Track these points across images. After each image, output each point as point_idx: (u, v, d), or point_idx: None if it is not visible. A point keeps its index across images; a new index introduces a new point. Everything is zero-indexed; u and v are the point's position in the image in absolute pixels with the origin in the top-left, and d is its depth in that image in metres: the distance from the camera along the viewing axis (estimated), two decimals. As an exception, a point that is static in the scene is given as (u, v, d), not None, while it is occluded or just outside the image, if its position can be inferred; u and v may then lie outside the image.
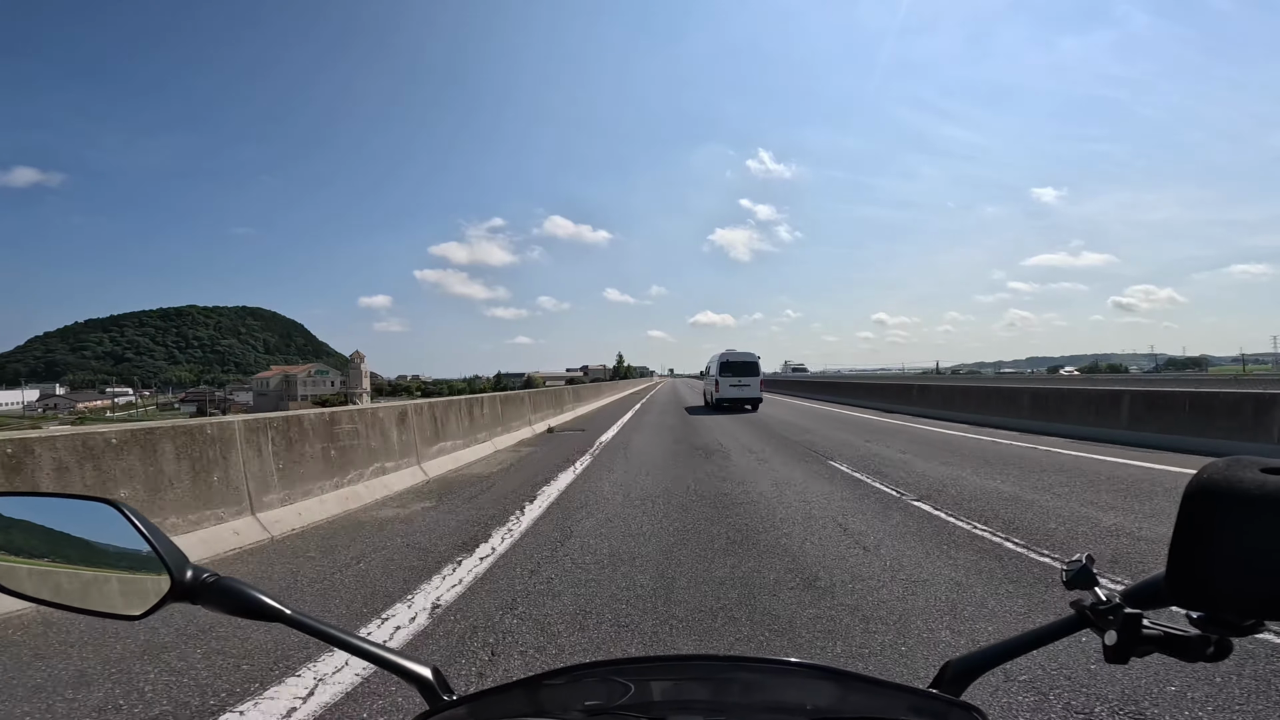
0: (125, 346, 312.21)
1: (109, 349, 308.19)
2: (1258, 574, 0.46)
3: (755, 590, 3.37)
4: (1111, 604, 0.57)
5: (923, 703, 0.62)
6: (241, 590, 0.64)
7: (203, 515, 4.22)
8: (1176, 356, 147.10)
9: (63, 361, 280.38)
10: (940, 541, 4.33)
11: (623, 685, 0.65)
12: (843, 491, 6.21)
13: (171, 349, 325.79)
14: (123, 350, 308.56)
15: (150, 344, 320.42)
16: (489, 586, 3.51)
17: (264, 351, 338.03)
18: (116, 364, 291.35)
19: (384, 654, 0.65)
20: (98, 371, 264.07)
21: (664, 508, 5.51)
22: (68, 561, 0.67)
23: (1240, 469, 0.49)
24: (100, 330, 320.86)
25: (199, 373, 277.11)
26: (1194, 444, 8.53)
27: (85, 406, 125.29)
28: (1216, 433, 8.49)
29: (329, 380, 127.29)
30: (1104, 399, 10.85)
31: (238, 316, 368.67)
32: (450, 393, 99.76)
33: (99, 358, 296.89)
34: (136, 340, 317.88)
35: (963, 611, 3.03)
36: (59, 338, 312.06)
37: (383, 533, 4.79)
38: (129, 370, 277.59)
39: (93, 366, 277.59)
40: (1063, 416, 11.48)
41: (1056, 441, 9.92)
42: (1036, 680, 2.30)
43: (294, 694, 2.30)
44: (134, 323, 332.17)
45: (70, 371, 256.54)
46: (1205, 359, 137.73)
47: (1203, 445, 8.38)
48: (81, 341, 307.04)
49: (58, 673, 2.51)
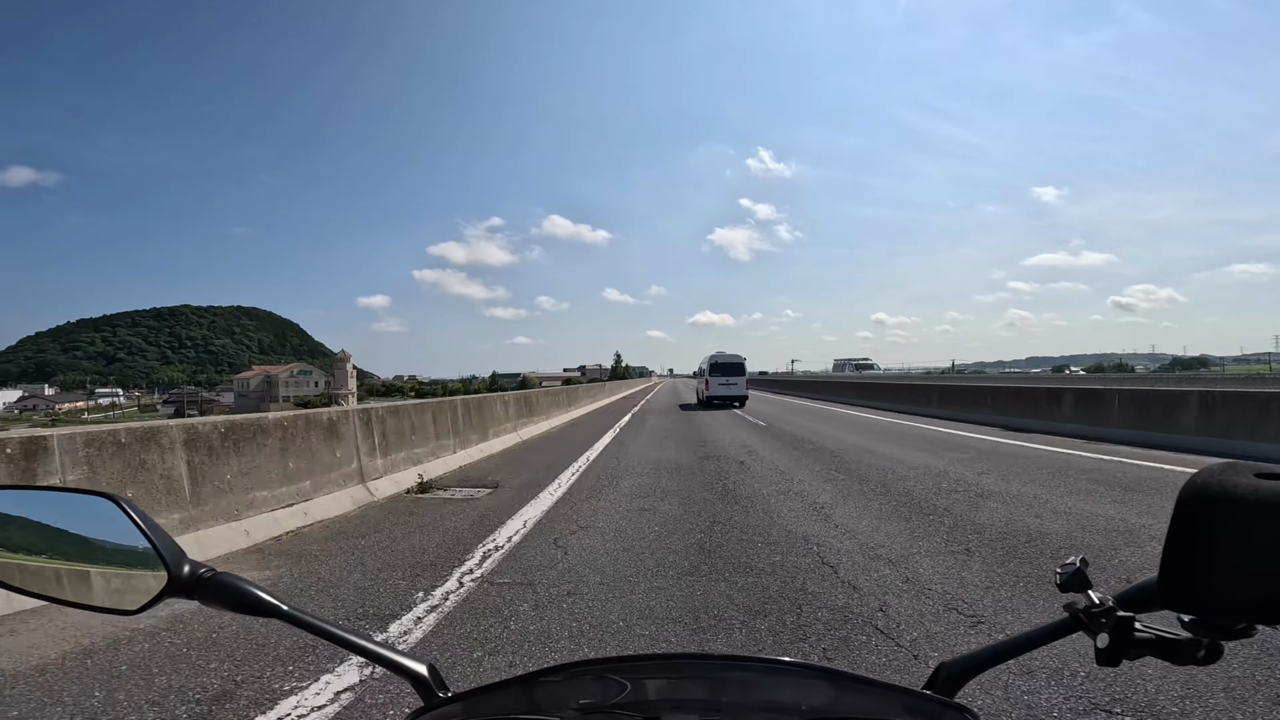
0: (117, 346, 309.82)
1: (100, 349, 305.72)
2: (1250, 578, 0.47)
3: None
4: (1104, 607, 0.57)
5: (917, 704, 0.62)
6: (238, 586, 0.64)
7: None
8: (1181, 356, 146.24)
9: (53, 362, 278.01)
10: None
11: (618, 683, 0.65)
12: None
13: (164, 349, 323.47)
14: (114, 350, 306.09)
15: (143, 344, 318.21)
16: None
17: (258, 352, 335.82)
18: (108, 364, 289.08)
19: (380, 650, 0.65)
20: (88, 372, 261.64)
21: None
22: (65, 556, 0.68)
23: (1235, 474, 0.50)
24: (92, 330, 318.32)
25: (191, 373, 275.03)
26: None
27: (64, 407, 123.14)
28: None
29: (312, 380, 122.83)
30: (1170, 400, 9.32)
31: (232, 316, 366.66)
32: (445, 393, 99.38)
33: (90, 358, 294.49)
34: (129, 340, 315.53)
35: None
36: (50, 338, 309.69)
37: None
38: (121, 370, 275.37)
39: (84, 367, 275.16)
40: (1163, 422, 9.26)
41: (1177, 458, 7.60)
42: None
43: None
44: (127, 322, 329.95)
45: (61, 372, 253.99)
46: (1205, 359, 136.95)
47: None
48: (73, 341, 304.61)
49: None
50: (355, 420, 6.09)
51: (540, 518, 5.12)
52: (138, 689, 2.37)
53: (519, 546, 4.27)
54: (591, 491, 6.24)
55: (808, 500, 5.71)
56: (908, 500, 5.62)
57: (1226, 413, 8.44)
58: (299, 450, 5.23)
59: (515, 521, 4.99)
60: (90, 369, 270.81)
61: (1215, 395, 8.77)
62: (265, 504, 4.76)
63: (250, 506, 4.60)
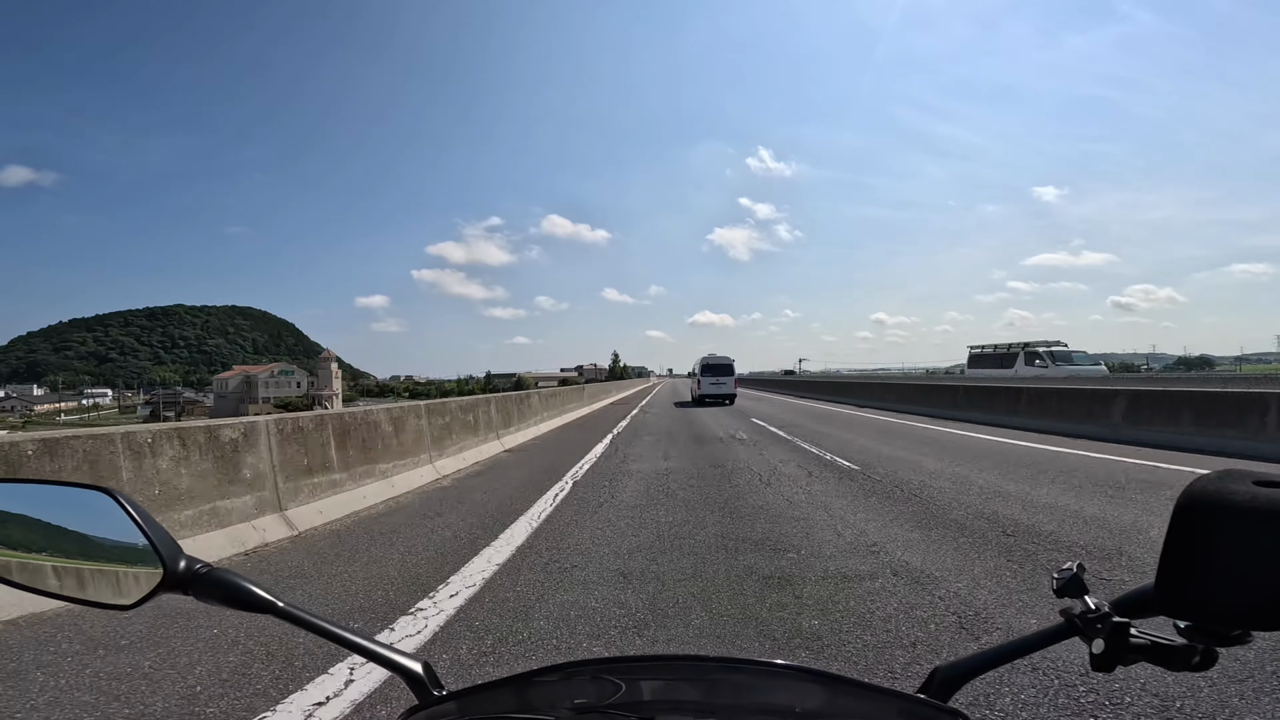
0: (109, 346, 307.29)
1: (92, 349, 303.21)
2: (1247, 585, 0.47)
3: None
4: (1100, 613, 0.58)
5: (911, 708, 0.62)
6: (233, 581, 0.64)
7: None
8: (1185, 356, 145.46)
9: (45, 362, 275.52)
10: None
11: (613, 684, 0.65)
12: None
13: (157, 349, 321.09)
14: (106, 350, 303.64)
15: (135, 344, 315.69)
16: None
17: (252, 351, 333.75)
18: (100, 364, 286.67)
19: (374, 648, 0.65)
20: (79, 372, 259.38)
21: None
22: (59, 550, 0.67)
23: (1232, 481, 0.50)
24: (84, 330, 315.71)
25: (184, 373, 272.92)
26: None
27: (41, 409, 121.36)
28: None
29: (294, 381, 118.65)
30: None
31: (226, 316, 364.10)
32: (439, 394, 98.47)
33: (82, 358, 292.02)
34: (121, 340, 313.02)
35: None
36: (42, 337, 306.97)
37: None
38: (112, 371, 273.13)
39: (75, 367, 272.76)
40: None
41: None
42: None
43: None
44: (119, 322, 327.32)
45: (51, 372, 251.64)
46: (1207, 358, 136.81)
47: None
48: (65, 341, 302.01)
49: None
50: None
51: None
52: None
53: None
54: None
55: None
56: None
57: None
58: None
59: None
60: (82, 369, 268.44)
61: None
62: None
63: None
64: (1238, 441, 8.56)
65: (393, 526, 4.94)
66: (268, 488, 4.73)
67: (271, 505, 4.71)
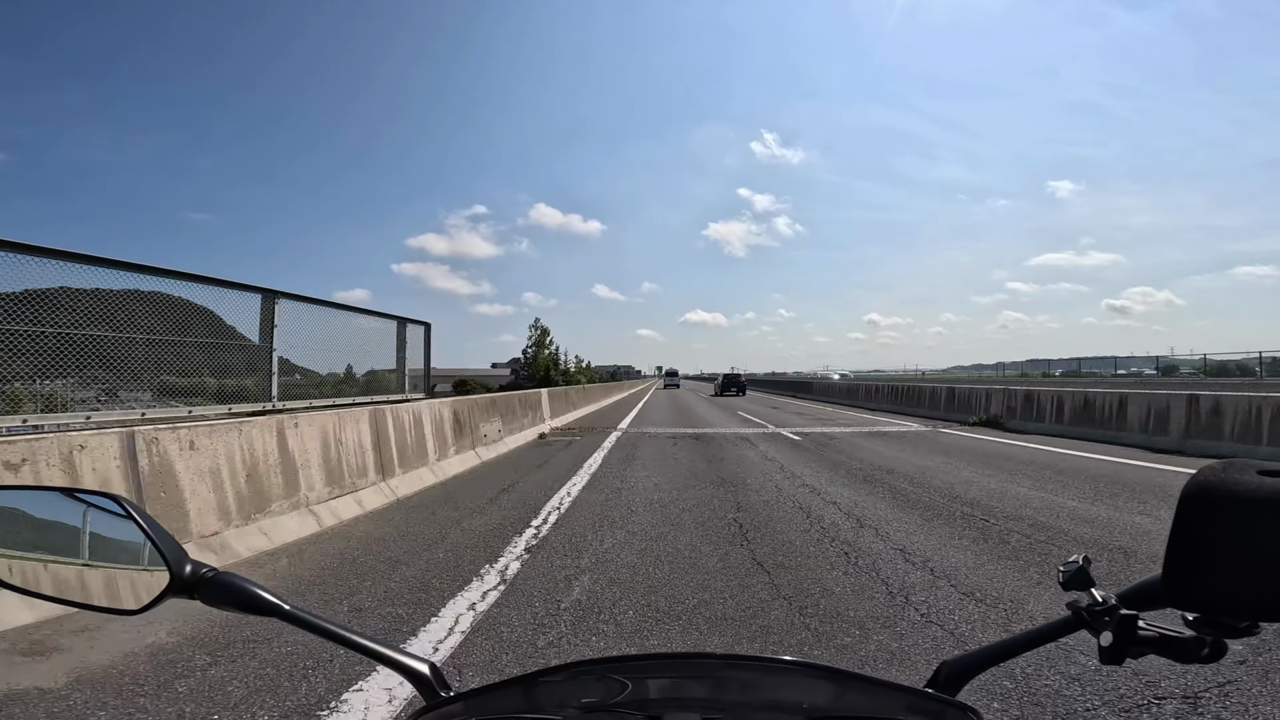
0: None
1: None
2: (1254, 576, 0.46)
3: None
4: (1107, 605, 0.57)
5: (919, 702, 0.62)
6: (239, 585, 0.64)
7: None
8: (1188, 358, 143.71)
9: None
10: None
11: (620, 683, 0.65)
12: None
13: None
14: None
15: None
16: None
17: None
18: None
19: (381, 649, 0.65)
20: None
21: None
22: (67, 555, 0.68)
23: (1237, 471, 0.49)
24: None
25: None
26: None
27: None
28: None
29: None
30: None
31: (119, 301, 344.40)
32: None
33: None
34: None
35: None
36: None
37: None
38: None
39: None
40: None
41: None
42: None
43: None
44: None
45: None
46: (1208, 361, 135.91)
47: None
48: None
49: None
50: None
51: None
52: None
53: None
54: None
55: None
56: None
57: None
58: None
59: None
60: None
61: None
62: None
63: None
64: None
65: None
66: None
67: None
